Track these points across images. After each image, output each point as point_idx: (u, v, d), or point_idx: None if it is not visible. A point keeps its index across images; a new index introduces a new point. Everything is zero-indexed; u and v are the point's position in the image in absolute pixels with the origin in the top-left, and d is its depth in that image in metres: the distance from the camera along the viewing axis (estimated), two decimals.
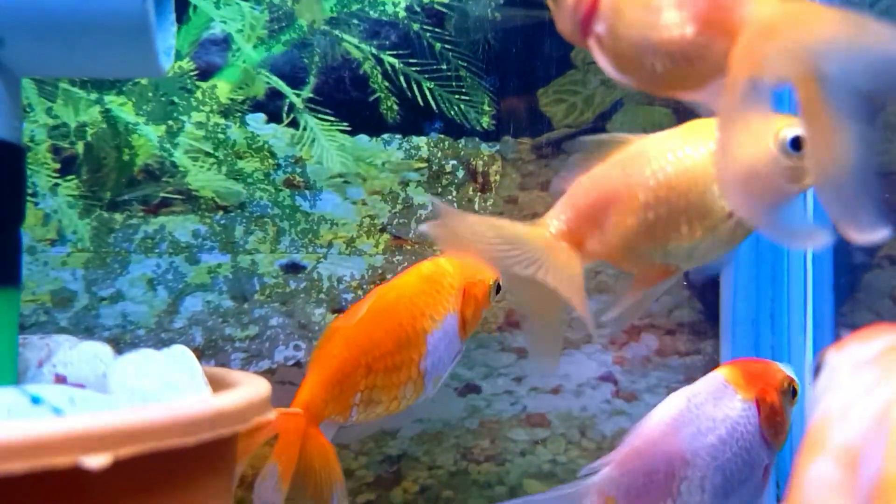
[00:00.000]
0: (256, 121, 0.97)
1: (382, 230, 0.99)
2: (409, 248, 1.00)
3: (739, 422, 0.73)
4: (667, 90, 0.57)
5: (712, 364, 0.97)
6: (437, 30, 0.99)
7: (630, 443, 0.73)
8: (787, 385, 0.76)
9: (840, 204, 0.47)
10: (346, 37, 0.98)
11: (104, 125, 0.95)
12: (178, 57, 0.95)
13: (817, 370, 0.41)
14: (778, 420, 0.75)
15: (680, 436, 0.72)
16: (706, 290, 1.04)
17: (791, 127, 0.62)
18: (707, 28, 0.53)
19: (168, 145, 0.96)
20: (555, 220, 0.68)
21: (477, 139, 1.01)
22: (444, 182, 1.00)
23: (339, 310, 0.98)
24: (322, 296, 0.98)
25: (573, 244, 0.67)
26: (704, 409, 0.74)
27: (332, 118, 0.98)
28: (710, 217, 0.65)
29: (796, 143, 0.63)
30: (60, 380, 0.59)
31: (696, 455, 0.72)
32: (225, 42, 0.97)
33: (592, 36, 0.57)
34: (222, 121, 0.96)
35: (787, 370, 0.78)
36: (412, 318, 0.76)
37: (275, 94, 0.97)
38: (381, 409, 0.76)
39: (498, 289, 0.84)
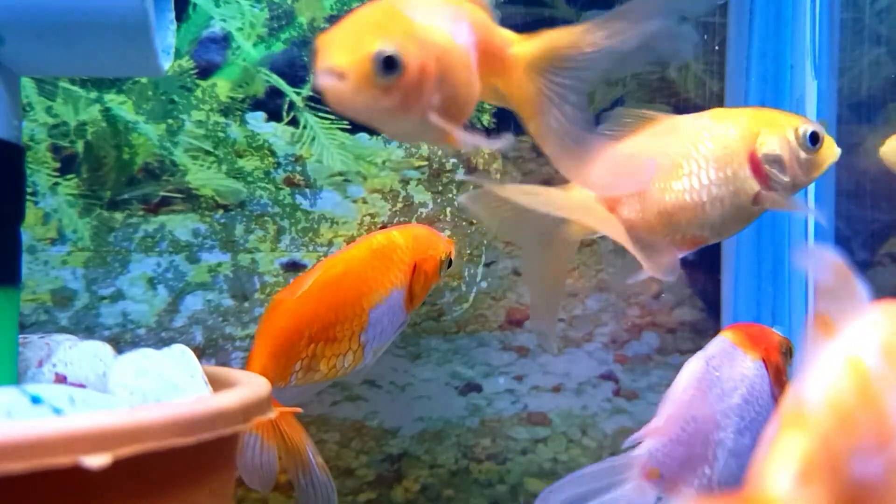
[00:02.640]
0: (256, 119, 0.97)
1: (383, 228, 0.99)
2: None
3: (756, 381, 0.74)
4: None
5: None
6: None
7: (664, 412, 0.73)
8: (785, 346, 0.77)
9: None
10: None
11: (104, 124, 0.95)
12: (178, 55, 0.95)
13: None
14: (783, 380, 0.75)
15: (708, 399, 0.72)
16: (707, 289, 1.04)
17: (808, 124, 0.72)
18: (486, 73, 0.63)
19: (168, 144, 0.95)
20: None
21: None
22: (445, 180, 1.00)
23: None
24: None
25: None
26: (723, 371, 0.74)
27: (331, 116, 0.98)
28: (739, 195, 0.71)
29: (815, 138, 0.72)
30: (60, 379, 0.59)
31: (725, 417, 0.72)
32: (225, 40, 0.96)
33: (431, 110, 0.58)
34: (222, 119, 0.96)
35: (781, 332, 0.79)
36: (357, 293, 0.78)
37: (275, 93, 0.97)
38: (319, 376, 0.78)
39: (449, 264, 0.86)
